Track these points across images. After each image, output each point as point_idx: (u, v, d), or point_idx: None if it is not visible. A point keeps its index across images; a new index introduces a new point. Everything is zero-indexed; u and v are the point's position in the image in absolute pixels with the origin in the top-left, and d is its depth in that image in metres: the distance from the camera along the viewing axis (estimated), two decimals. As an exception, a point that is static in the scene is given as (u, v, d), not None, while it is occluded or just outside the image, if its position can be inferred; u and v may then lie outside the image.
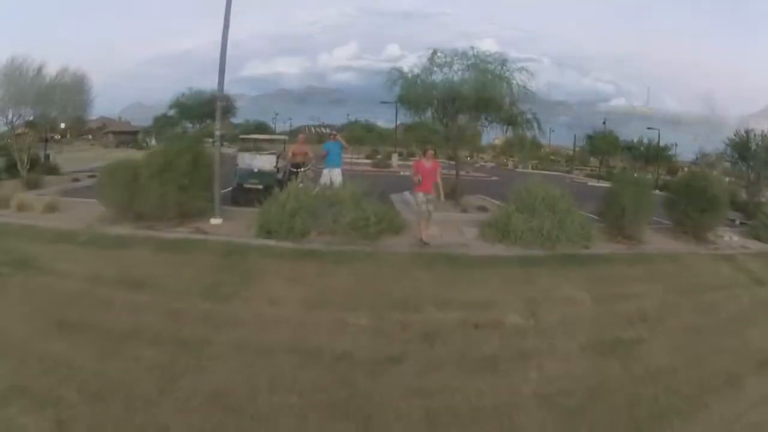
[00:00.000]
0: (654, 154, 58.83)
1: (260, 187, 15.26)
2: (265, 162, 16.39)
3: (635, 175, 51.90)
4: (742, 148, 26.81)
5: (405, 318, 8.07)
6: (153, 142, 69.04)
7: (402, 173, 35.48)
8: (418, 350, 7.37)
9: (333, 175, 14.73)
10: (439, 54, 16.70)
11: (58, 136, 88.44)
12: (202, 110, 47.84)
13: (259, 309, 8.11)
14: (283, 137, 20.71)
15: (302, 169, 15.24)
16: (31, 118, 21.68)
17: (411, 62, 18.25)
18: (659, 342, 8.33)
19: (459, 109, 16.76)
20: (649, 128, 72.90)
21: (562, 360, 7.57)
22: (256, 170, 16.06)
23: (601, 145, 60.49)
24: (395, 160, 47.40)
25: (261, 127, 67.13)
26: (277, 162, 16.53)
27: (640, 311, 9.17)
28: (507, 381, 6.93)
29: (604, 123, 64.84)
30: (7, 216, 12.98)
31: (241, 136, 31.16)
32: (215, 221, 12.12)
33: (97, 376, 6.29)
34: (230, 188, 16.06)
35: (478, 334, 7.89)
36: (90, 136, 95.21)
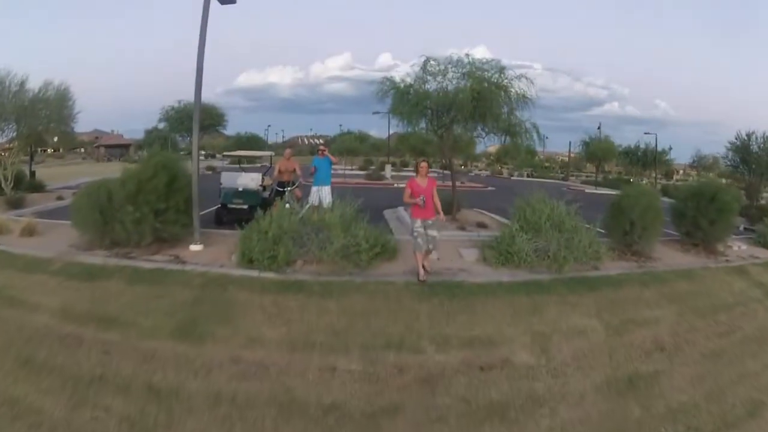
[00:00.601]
0: (652, 159, 58.66)
1: (245, 207, 14.52)
2: (249, 180, 15.56)
3: (630, 180, 52.02)
4: (744, 151, 26.60)
5: (401, 360, 7.31)
6: (145, 155, 68.73)
7: (396, 185, 34.93)
8: (417, 398, 6.70)
9: (322, 194, 13.93)
10: (431, 62, 15.86)
11: (51, 150, 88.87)
12: (191, 123, 47.04)
13: (238, 351, 7.38)
14: (269, 153, 19.64)
15: (289, 188, 14.30)
16: (15, 134, 20.87)
17: (403, 71, 17.21)
18: (679, 373, 7.84)
19: (454, 119, 15.92)
20: (646, 133, 73.15)
21: (576, 403, 6.98)
22: (240, 189, 15.26)
23: (598, 150, 59.88)
24: (389, 171, 46.80)
25: (253, 139, 67.20)
26: (262, 180, 15.71)
27: (656, 339, 8.62)
28: (518, 431, 6.32)
29: (599, 128, 64.46)
30: (-20, 241, 12.60)
31: (224, 153, 30.29)
32: (195, 248, 11.22)
33: (67, 426, 6.03)
34: (215, 207, 15.36)
35: (484, 376, 7.18)
36: (83, 150, 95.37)
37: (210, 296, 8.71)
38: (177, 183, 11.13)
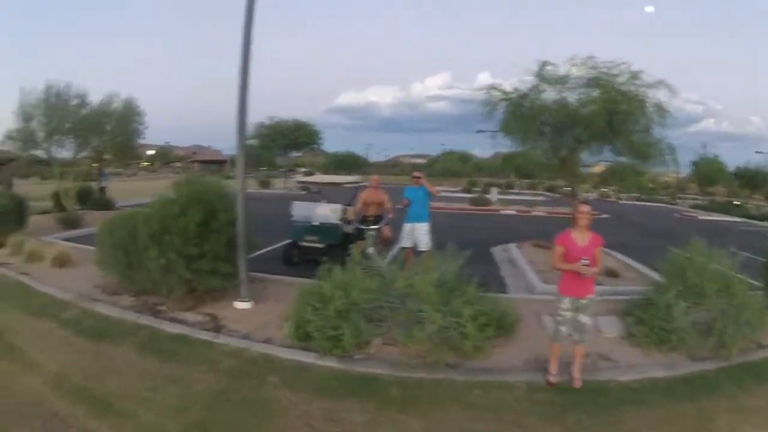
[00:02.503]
0: (763, 179, 53.32)
1: (321, 246, 11.93)
2: (329, 212, 12.72)
3: (738, 204, 46.83)
4: None
5: None
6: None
7: (503, 212, 31.99)
8: None
9: (417, 233, 11.08)
10: (549, 67, 12.86)
11: (146, 163, 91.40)
12: (284, 141, 46.36)
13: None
14: (354, 180, 16.42)
15: (373, 227, 11.57)
16: (70, 151, 20.02)
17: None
18: None
19: (579, 138, 12.94)
20: (757, 152, 67.91)
21: None
22: (316, 223, 12.51)
23: (710, 171, 54.87)
24: (495, 194, 43.13)
25: (351, 158, 67.07)
26: (344, 212, 12.92)
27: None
28: None
29: (704, 147, 59.66)
30: (11, 267, 11.67)
31: (299, 180, 27.59)
32: (241, 305, 8.63)
33: None
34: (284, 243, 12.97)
35: None
36: (178, 164, 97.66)
37: (240, 391, 6.04)
38: (216, 222, 8.51)
